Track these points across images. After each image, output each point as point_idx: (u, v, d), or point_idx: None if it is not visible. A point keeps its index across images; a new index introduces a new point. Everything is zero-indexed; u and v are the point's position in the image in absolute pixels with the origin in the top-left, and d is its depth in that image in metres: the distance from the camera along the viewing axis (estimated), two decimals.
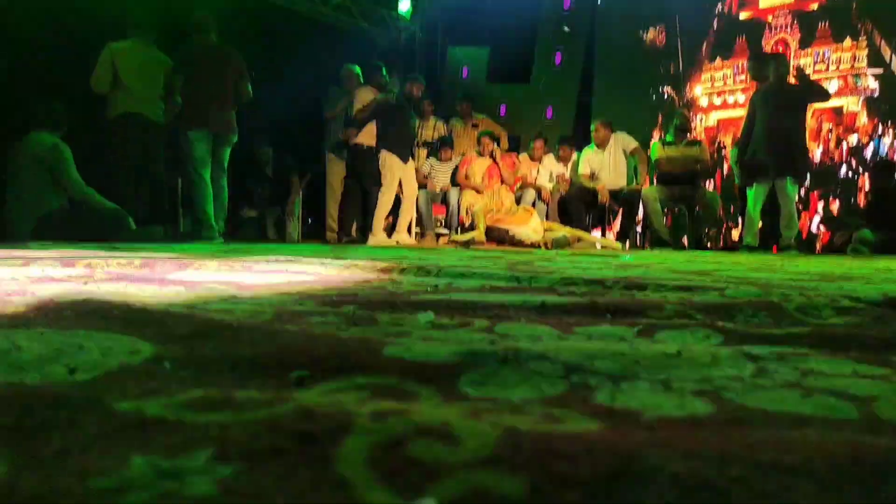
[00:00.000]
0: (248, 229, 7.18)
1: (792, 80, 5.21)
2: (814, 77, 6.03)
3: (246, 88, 5.00)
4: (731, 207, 6.69)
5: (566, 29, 8.67)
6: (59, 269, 1.61)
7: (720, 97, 7.53)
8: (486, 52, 9.30)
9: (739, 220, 5.99)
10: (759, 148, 5.15)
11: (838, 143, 6.64)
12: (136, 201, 5.18)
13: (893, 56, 6.33)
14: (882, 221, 5.38)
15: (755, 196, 5.24)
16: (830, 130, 6.65)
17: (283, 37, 8.00)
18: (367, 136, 5.70)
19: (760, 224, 5.44)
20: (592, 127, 6.31)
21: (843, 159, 6.59)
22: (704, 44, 7.72)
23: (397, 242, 5.75)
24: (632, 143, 6.17)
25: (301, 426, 0.40)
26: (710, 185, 6.42)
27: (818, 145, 6.67)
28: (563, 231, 5.44)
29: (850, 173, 6.57)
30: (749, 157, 5.25)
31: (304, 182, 7.39)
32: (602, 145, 6.19)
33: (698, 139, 6.15)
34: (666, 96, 7.89)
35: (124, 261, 1.82)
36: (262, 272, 1.68)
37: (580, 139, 7.21)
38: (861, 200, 6.33)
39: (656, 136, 6.20)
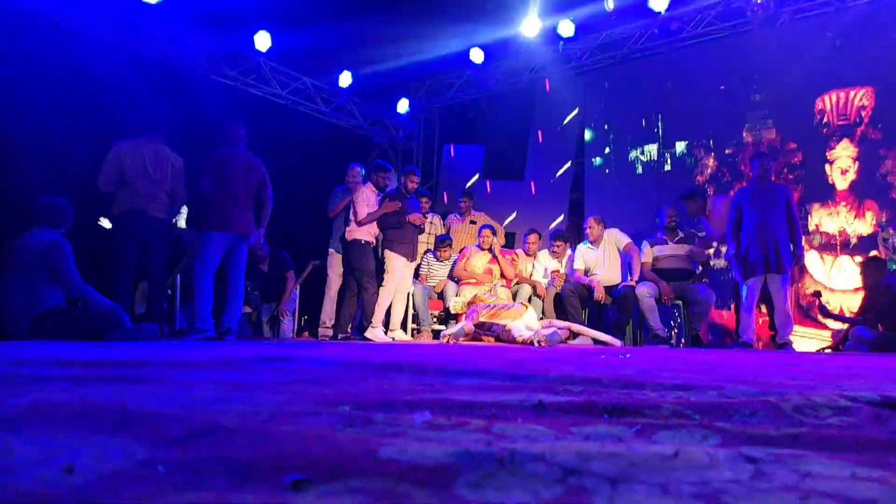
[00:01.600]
0: (244, 326, 7.15)
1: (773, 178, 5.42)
2: None
3: (268, 196, 5.25)
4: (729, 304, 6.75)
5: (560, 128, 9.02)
6: (52, 368, 1.60)
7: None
8: (482, 149, 9.62)
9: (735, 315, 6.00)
10: (751, 244, 5.24)
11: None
12: (134, 298, 5.21)
13: None
14: (877, 318, 5.40)
15: (749, 292, 5.28)
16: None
17: (283, 135, 8.31)
18: (365, 231, 5.80)
19: (758, 320, 5.45)
20: (586, 222, 6.43)
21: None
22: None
23: (393, 339, 5.72)
24: (624, 240, 6.27)
25: None
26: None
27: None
28: (567, 325, 5.44)
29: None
30: (742, 254, 5.33)
31: (300, 279, 7.42)
32: (596, 242, 6.29)
33: (692, 234, 6.25)
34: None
35: (119, 360, 1.82)
36: (257, 371, 1.67)
37: (573, 235, 7.35)
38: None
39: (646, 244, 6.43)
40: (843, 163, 7.07)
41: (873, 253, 6.28)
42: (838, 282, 6.73)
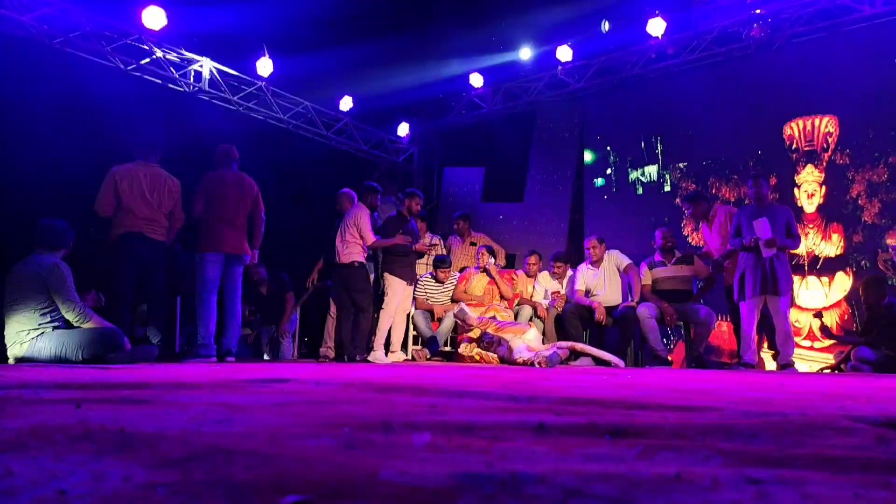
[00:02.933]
0: (244, 348, 7.13)
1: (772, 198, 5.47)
2: None
3: (261, 218, 5.30)
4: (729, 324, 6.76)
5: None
6: (52, 391, 1.60)
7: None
8: (481, 172, 9.66)
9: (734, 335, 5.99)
10: (748, 266, 5.25)
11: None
12: (133, 320, 5.20)
13: None
14: (879, 339, 5.38)
15: (749, 311, 5.27)
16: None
17: (283, 159, 8.35)
18: (360, 253, 5.81)
19: (758, 340, 5.43)
20: (587, 242, 6.44)
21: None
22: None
23: (394, 361, 5.70)
24: (624, 261, 6.27)
25: None
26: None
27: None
28: (570, 345, 5.41)
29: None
30: (739, 275, 5.33)
31: (300, 301, 7.41)
32: (597, 263, 6.29)
33: (691, 254, 6.26)
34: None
35: (118, 382, 1.81)
36: (256, 393, 1.66)
37: (574, 256, 7.35)
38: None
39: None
40: (809, 187, 7.25)
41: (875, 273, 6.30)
42: (806, 301, 6.90)
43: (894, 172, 6.90)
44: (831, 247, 7.02)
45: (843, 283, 6.94)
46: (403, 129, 10.13)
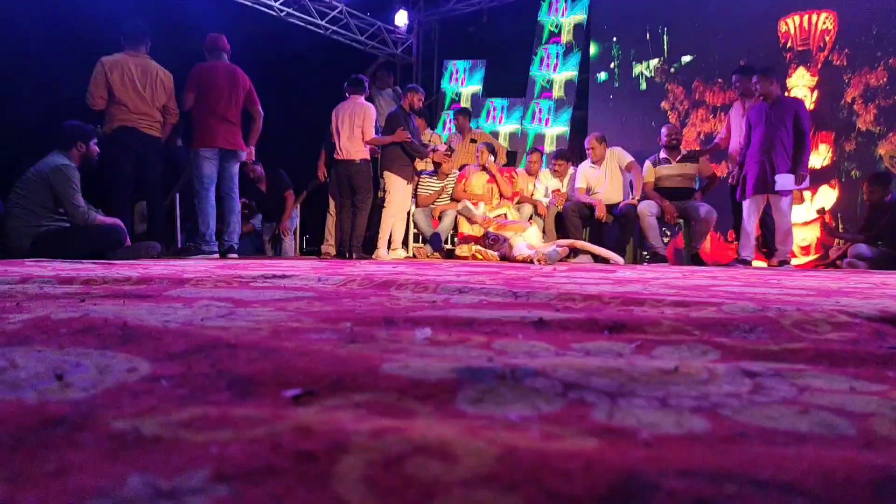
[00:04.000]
0: (246, 245, 7.19)
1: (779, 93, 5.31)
2: None
3: (258, 113, 5.17)
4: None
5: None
6: (55, 286, 1.61)
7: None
8: (483, 64, 9.36)
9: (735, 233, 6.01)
10: (751, 164, 5.19)
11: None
12: (133, 216, 5.20)
13: None
14: (878, 235, 5.40)
15: (749, 210, 5.27)
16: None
17: (277, 50, 8.06)
18: (364, 150, 5.71)
19: (757, 237, 5.46)
20: (587, 142, 6.33)
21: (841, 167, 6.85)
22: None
23: (394, 259, 5.76)
24: (626, 159, 6.20)
25: (299, 445, 0.40)
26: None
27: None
28: (569, 243, 5.44)
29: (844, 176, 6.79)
30: (743, 173, 5.29)
31: (299, 199, 7.39)
32: (598, 161, 6.22)
33: (696, 152, 6.17)
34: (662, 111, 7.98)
35: (121, 277, 1.82)
36: (258, 288, 1.68)
37: (575, 153, 7.25)
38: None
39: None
40: (798, 91, 6.99)
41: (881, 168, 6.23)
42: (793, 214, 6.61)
43: (894, 76, 6.63)
44: (817, 157, 6.80)
45: (825, 196, 6.80)
46: (402, 18, 9.71)
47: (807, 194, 6.81)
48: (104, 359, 0.67)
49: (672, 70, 8.01)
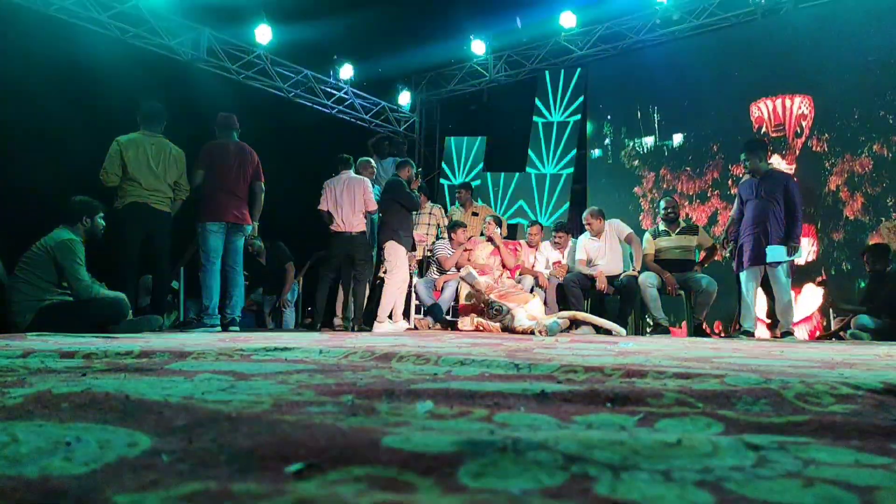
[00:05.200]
0: (247, 318, 7.17)
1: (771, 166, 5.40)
2: None
3: (260, 189, 5.28)
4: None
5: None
6: (57, 360, 1.61)
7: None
8: (483, 141, 9.60)
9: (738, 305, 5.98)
10: (746, 237, 5.25)
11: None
12: (138, 291, 5.22)
13: None
14: (879, 307, 5.38)
15: (747, 281, 5.28)
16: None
17: (284, 128, 8.29)
18: (359, 223, 5.85)
19: (759, 309, 5.44)
20: (584, 217, 6.39)
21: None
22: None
23: (395, 331, 5.73)
24: (625, 230, 6.26)
25: None
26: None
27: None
28: (571, 315, 5.42)
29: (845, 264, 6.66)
30: (740, 244, 5.34)
31: (302, 272, 7.43)
32: (597, 234, 6.28)
33: (696, 224, 6.24)
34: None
35: (122, 351, 1.82)
36: (260, 361, 1.67)
37: (575, 225, 7.34)
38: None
39: (647, 224, 6.28)
40: None
41: (877, 239, 6.24)
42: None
43: (881, 162, 6.37)
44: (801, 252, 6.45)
45: (812, 296, 6.55)
46: (405, 98, 10.03)
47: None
48: (105, 433, 0.67)
49: (641, 153, 8.13)
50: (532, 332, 4.84)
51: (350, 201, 5.79)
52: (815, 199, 6.59)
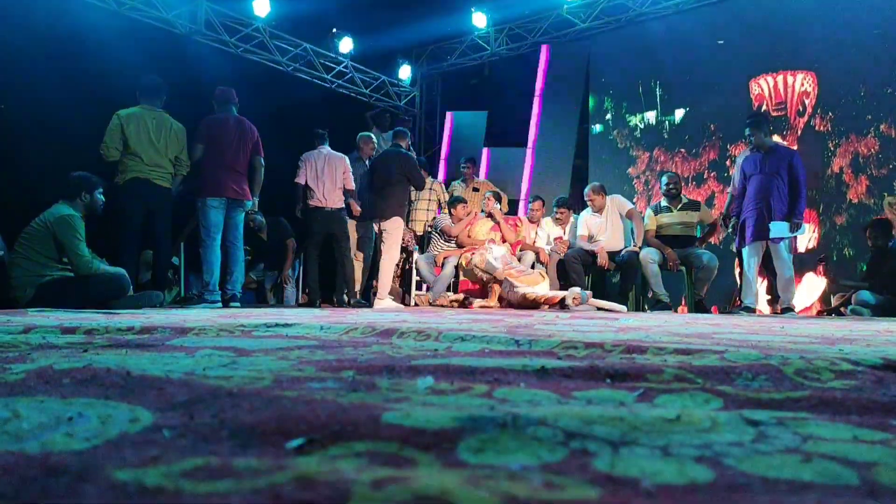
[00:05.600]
0: (248, 293, 7.19)
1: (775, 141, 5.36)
2: None
3: (259, 164, 5.25)
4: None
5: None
6: (58, 336, 1.61)
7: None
8: (484, 116, 9.53)
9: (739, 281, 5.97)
10: (749, 212, 5.23)
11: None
12: (139, 266, 5.23)
13: None
14: (881, 283, 5.39)
15: (749, 257, 5.28)
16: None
17: (283, 103, 8.22)
18: (339, 199, 5.87)
19: (760, 285, 5.45)
20: (585, 194, 6.38)
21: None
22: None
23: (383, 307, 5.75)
24: (627, 206, 6.25)
25: (300, 495, 0.40)
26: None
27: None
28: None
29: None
30: (741, 221, 5.33)
31: (301, 247, 7.42)
32: (598, 210, 6.27)
33: (697, 201, 6.22)
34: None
35: (124, 327, 1.83)
36: (261, 337, 1.68)
37: (577, 201, 7.32)
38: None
39: (642, 206, 6.21)
40: None
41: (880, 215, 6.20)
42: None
43: (887, 143, 6.10)
44: (802, 239, 6.26)
45: (812, 286, 6.41)
46: (405, 72, 9.93)
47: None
48: (107, 409, 0.67)
49: (637, 133, 8.03)
50: (562, 301, 4.93)
51: (332, 177, 5.82)
52: (817, 182, 6.39)
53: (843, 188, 6.45)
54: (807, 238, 6.50)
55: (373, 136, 6.73)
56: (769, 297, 5.65)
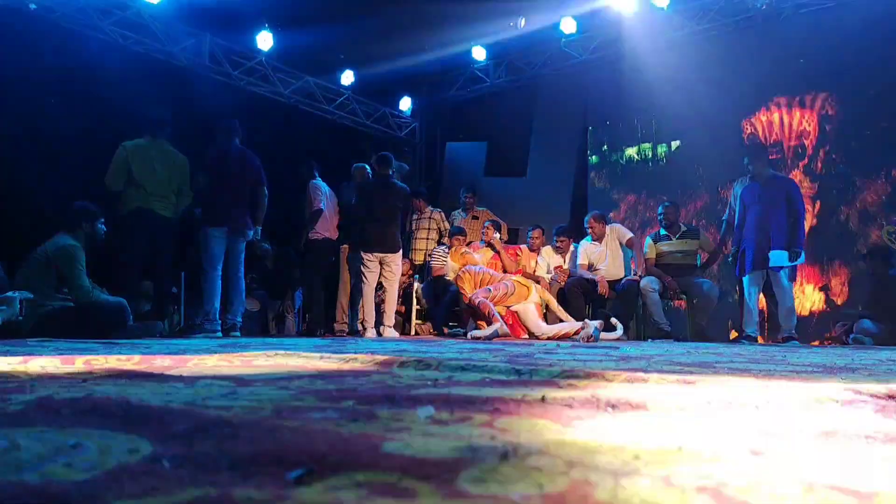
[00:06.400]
0: (250, 323, 7.17)
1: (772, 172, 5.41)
2: None
3: (262, 194, 5.28)
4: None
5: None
6: (58, 366, 1.61)
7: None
8: (484, 146, 9.61)
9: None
10: (749, 242, 5.25)
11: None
12: (140, 296, 5.24)
13: None
14: (882, 312, 5.37)
15: (749, 286, 5.28)
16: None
17: (285, 134, 8.31)
18: (331, 229, 5.93)
19: (761, 313, 5.44)
20: (586, 222, 6.40)
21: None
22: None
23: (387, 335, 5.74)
24: (626, 235, 6.27)
25: None
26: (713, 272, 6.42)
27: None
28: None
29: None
30: (741, 250, 5.34)
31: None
32: (598, 239, 6.28)
33: (697, 228, 6.23)
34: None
35: (123, 357, 1.82)
36: (261, 367, 1.67)
37: (577, 230, 7.33)
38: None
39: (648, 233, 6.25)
40: None
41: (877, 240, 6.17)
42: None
43: None
44: (806, 301, 6.15)
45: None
46: (405, 104, 10.04)
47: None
48: (106, 439, 0.67)
49: (617, 172, 8.04)
50: (576, 335, 4.95)
51: (334, 209, 5.93)
52: (825, 232, 6.19)
53: (853, 242, 6.08)
54: (809, 301, 6.27)
55: (367, 166, 6.76)
56: (767, 324, 5.64)
